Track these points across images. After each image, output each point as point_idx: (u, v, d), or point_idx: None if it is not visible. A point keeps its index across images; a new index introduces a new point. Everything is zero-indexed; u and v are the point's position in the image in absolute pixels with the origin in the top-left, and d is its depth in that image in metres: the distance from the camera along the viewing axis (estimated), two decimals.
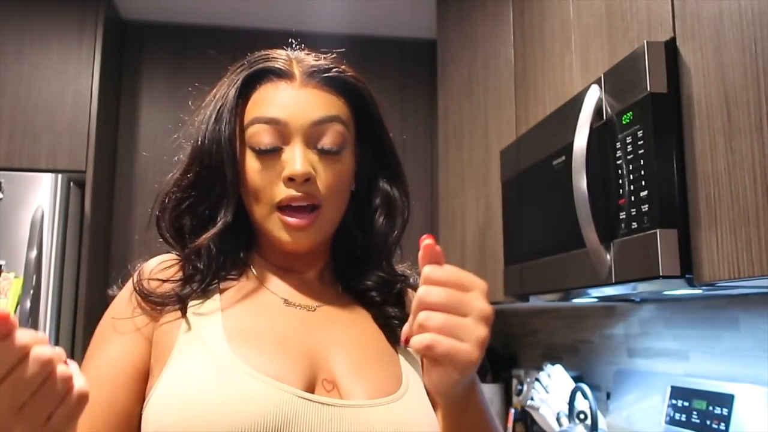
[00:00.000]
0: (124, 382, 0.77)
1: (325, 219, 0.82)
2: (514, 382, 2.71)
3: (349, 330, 0.83)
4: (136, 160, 2.97)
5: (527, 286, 1.74)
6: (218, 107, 0.81)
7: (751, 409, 1.44)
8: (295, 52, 0.87)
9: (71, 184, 2.55)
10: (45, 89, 2.67)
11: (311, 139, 0.80)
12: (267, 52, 0.85)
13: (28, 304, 2.30)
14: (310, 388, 0.74)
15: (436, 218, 2.76)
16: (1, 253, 2.36)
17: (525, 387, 2.49)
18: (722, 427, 1.48)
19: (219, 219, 0.81)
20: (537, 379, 2.17)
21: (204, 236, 0.80)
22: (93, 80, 2.70)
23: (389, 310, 0.86)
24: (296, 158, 0.78)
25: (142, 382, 0.77)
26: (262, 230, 0.83)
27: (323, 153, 0.80)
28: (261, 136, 0.79)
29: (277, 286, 0.84)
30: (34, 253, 2.34)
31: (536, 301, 1.84)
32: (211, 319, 0.77)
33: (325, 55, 0.85)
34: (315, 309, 0.84)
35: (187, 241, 0.82)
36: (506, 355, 3.01)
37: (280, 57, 0.84)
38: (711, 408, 1.53)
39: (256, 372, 0.71)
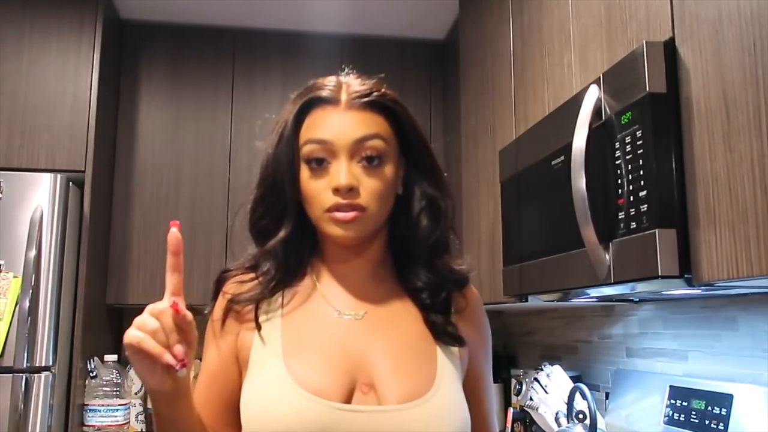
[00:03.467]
0: (228, 376, 0.96)
1: (368, 217, 0.93)
2: (513, 381, 2.71)
3: (392, 333, 0.96)
4: (135, 160, 2.97)
5: (526, 286, 1.74)
6: (279, 133, 0.97)
7: (750, 409, 1.44)
8: (345, 76, 0.99)
9: (70, 183, 2.54)
10: (44, 89, 2.66)
11: (355, 154, 0.93)
12: (318, 81, 0.98)
13: (27, 303, 2.30)
14: (349, 394, 0.88)
15: (460, 220, 2.70)
16: (0, 252, 2.36)
17: (524, 387, 2.49)
18: (721, 427, 1.48)
19: (282, 228, 0.97)
20: (536, 379, 2.17)
21: (271, 242, 0.97)
22: (92, 80, 2.69)
23: (434, 316, 0.98)
24: (341, 172, 0.91)
25: (240, 373, 0.96)
26: (318, 229, 0.97)
27: (366, 165, 0.93)
28: (312, 153, 0.94)
29: (332, 292, 0.99)
30: (33, 253, 2.34)
31: (535, 301, 1.84)
32: (274, 330, 0.94)
33: (368, 80, 0.99)
34: (362, 316, 0.96)
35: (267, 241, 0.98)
36: (505, 355, 3.01)
37: (329, 85, 0.97)
38: (710, 408, 1.53)
39: (303, 390, 0.87)
